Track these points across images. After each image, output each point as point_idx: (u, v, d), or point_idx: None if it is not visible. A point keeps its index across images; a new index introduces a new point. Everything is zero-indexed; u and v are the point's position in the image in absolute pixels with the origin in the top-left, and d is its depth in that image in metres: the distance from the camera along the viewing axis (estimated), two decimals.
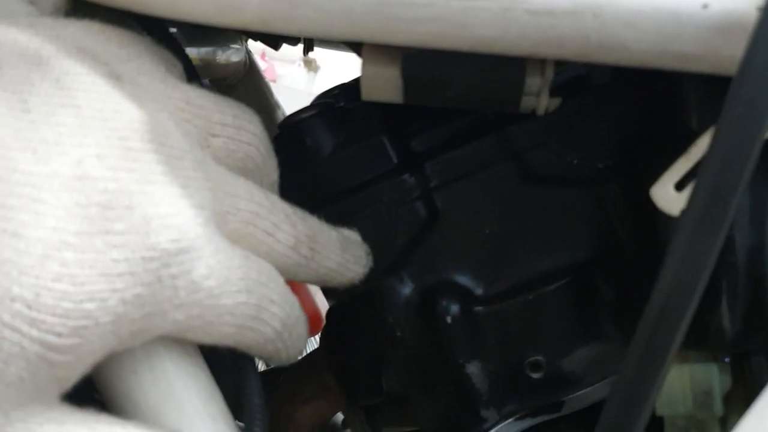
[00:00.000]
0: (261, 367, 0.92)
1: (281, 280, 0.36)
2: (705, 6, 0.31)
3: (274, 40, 0.66)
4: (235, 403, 0.40)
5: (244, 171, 0.37)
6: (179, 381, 0.36)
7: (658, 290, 0.30)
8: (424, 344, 0.49)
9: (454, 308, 0.48)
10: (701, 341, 0.40)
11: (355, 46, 0.49)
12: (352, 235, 0.44)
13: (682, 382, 0.40)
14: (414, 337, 0.49)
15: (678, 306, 0.30)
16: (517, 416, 0.49)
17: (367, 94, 0.41)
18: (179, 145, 0.32)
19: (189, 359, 0.36)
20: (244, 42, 0.73)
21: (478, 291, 0.49)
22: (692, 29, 0.31)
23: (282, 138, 0.50)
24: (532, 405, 0.49)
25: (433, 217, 0.48)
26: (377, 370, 0.52)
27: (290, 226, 0.37)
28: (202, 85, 0.38)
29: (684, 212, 0.29)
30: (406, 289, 0.49)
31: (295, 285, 0.54)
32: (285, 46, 0.63)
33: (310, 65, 2.93)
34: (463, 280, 0.49)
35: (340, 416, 0.77)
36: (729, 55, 0.31)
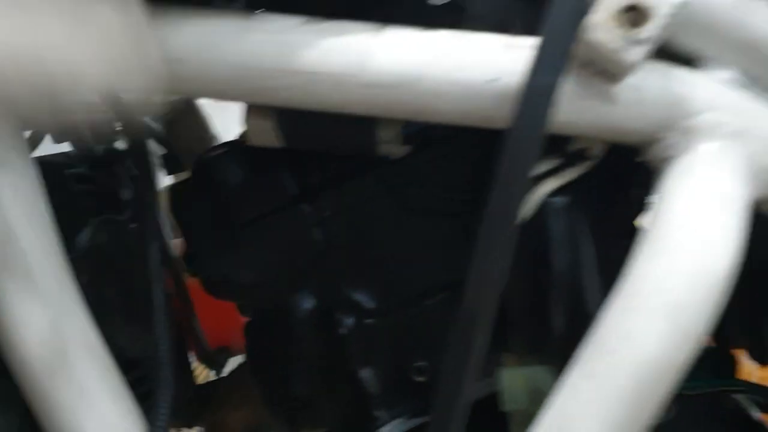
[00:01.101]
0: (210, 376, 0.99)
1: None
2: (492, 80, 0.39)
3: None
4: None
5: None
6: (91, 381, 0.43)
7: (463, 304, 0.38)
8: (325, 353, 0.57)
9: (349, 321, 0.56)
10: (535, 348, 0.48)
11: None
12: None
13: (521, 382, 0.48)
14: (316, 348, 0.57)
15: (479, 313, 0.37)
16: (407, 415, 0.57)
17: (254, 140, 0.48)
18: None
19: (101, 362, 0.44)
20: None
21: (370, 305, 0.56)
22: (485, 98, 0.39)
23: (195, 174, 0.57)
24: (418, 405, 0.56)
25: (328, 241, 0.56)
26: (287, 377, 0.59)
27: None
28: None
29: (478, 238, 0.37)
30: (308, 305, 0.57)
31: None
32: None
33: None
34: (356, 296, 0.57)
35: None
36: None
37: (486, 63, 0.39)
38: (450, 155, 0.51)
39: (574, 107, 0.39)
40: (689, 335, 0.36)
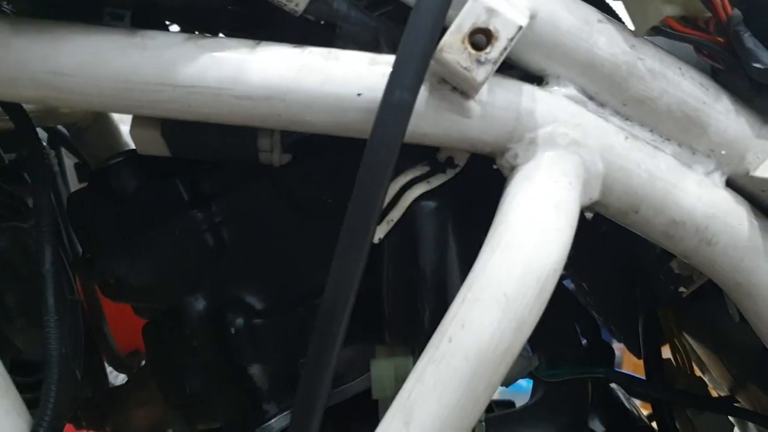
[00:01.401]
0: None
1: None
2: (359, 94, 0.43)
3: None
4: None
5: None
6: None
7: (324, 298, 0.41)
8: (216, 351, 0.59)
9: (239, 321, 0.58)
10: (404, 338, 0.52)
11: None
12: None
13: (389, 372, 0.52)
14: (207, 346, 0.59)
15: (338, 308, 0.41)
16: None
17: (141, 150, 0.51)
18: None
19: None
20: None
21: (260, 306, 0.59)
22: (352, 110, 0.43)
23: (93, 181, 0.60)
24: None
25: (220, 246, 0.58)
26: (181, 375, 0.62)
27: None
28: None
29: (338, 241, 0.41)
30: (200, 306, 0.59)
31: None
32: None
33: None
34: (247, 297, 0.60)
35: None
36: None
37: (353, 78, 0.43)
38: (334, 160, 0.55)
39: (433, 120, 0.43)
40: (520, 324, 0.41)
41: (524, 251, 0.41)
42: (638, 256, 0.73)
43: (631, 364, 1.45)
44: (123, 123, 0.90)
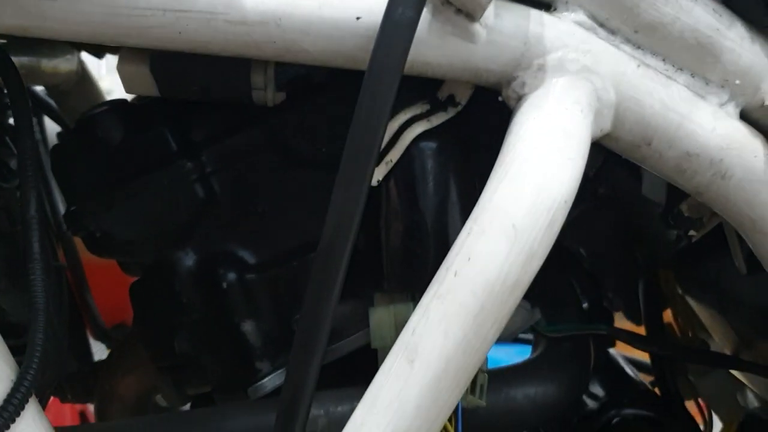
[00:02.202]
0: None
1: None
2: (358, 18, 0.41)
3: (95, 50, 0.73)
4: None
5: None
6: None
7: (321, 240, 0.39)
8: (207, 308, 0.57)
9: (231, 276, 0.56)
10: (404, 284, 0.50)
11: None
12: None
13: (389, 320, 0.50)
14: (198, 303, 0.57)
15: (336, 249, 0.39)
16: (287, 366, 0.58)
17: (129, 89, 0.49)
18: None
19: None
20: (76, 53, 0.79)
21: (252, 260, 0.57)
22: (351, 36, 0.41)
23: (77, 130, 0.57)
24: None
25: (210, 197, 0.56)
26: (170, 334, 0.59)
27: None
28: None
29: (337, 177, 0.39)
30: (190, 261, 0.57)
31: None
32: None
33: None
34: (238, 251, 0.57)
35: None
36: None
37: (351, 1, 0.41)
38: (328, 105, 0.53)
39: (436, 46, 0.41)
40: (529, 256, 0.39)
41: (534, 181, 0.39)
42: (637, 217, 0.72)
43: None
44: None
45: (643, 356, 0.81)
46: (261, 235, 0.57)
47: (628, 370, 0.71)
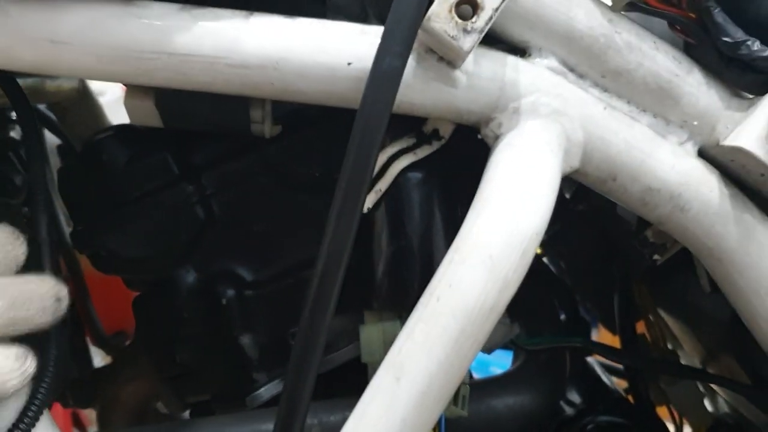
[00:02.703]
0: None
1: None
2: (349, 63, 0.45)
3: None
4: None
5: None
6: None
7: (317, 265, 0.43)
8: (207, 323, 0.61)
9: (230, 292, 0.60)
10: (392, 304, 0.54)
11: None
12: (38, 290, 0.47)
13: (378, 336, 0.54)
14: (198, 318, 0.61)
15: (330, 273, 0.43)
16: (283, 377, 0.62)
17: (134, 120, 0.52)
18: None
19: None
20: None
21: (250, 278, 0.61)
22: (343, 80, 0.45)
23: (84, 154, 0.61)
24: None
25: (210, 218, 0.60)
26: (172, 346, 0.63)
27: None
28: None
29: (331, 207, 0.43)
30: (191, 278, 0.61)
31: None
32: None
33: None
34: (237, 269, 0.61)
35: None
36: None
37: (343, 48, 0.45)
38: (321, 135, 0.56)
39: (420, 90, 0.45)
40: (505, 284, 0.43)
41: (508, 215, 0.43)
42: (613, 233, 0.76)
43: None
44: (102, 95, 0.90)
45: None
46: (258, 254, 0.61)
47: (604, 377, 0.75)
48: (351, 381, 0.63)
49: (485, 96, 0.45)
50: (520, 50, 0.47)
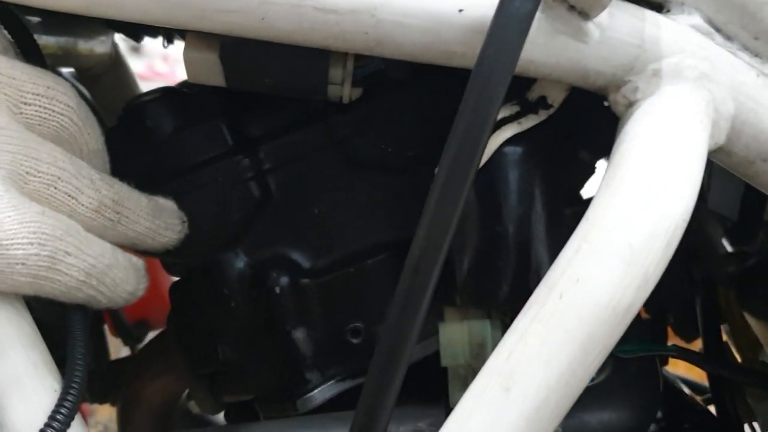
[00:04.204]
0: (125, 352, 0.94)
1: (81, 234, 0.39)
2: (461, 10, 0.37)
3: (134, 32, 0.69)
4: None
5: (59, 138, 0.40)
6: (2, 329, 0.39)
7: (413, 248, 0.36)
8: (256, 314, 0.53)
9: (284, 280, 0.53)
10: (478, 300, 0.47)
11: None
12: (167, 204, 0.47)
13: (462, 337, 0.46)
14: (247, 308, 0.54)
15: (429, 258, 0.35)
16: (339, 378, 0.54)
17: (193, 77, 0.45)
18: None
19: (12, 310, 0.40)
20: (110, 35, 0.76)
21: (306, 265, 0.54)
22: (451, 29, 0.38)
23: (125, 118, 0.53)
24: (352, 367, 0.54)
25: (266, 196, 0.53)
26: (214, 339, 0.56)
27: (94, 191, 0.41)
28: (37, 57, 0.42)
29: (434, 180, 0.35)
30: (240, 263, 0.54)
31: (156, 271, 0.58)
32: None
33: None
34: (293, 254, 0.54)
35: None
36: None
37: None
38: (404, 102, 0.49)
39: (543, 44, 0.38)
40: (644, 280, 0.36)
41: (652, 199, 0.36)
42: (696, 234, 0.69)
43: None
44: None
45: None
46: (317, 239, 0.54)
47: (686, 390, 0.67)
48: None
49: (620, 55, 0.38)
50: (656, 5, 0.40)
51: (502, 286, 0.45)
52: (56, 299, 0.40)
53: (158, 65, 2.70)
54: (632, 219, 0.35)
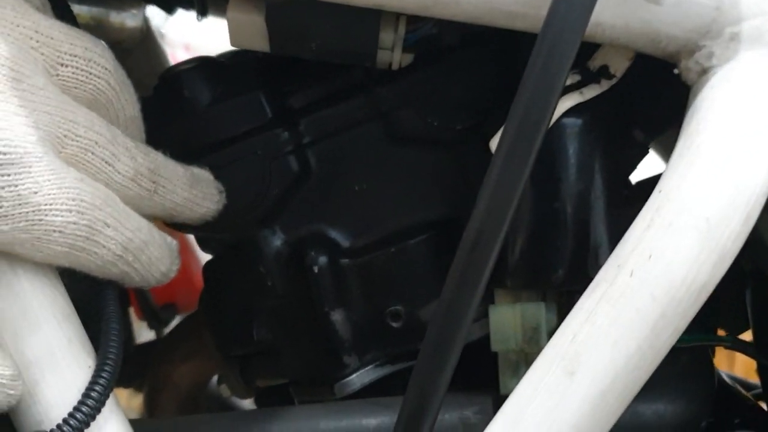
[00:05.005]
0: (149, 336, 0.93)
1: (119, 205, 0.38)
2: None
3: (167, 4, 0.67)
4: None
5: (95, 103, 0.38)
6: (36, 302, 0.37)
7: (471, 222, 0.33)
8: (293, 293, 0.51)
9: (322, 259, 0.50)
10: (533, 283, 0.44)
11: None
12: (203, 173, 0.46)
13: (514, 320, 0.44)
14: (283, 287, 0.52)
15: (488, 235, 0.33)
16: (377, 363, 0.52)
17: (235, 40, 0.43)
18: (19, 68, 0.34)
19: (47, 282, 0.38)
20: (142, 8, 0.74)
21: (345, 244, 0.51)
22: None
23: (161, 88, 0.51)
24: (391, 352, 0.52)
25: (305, 171, 0.51)
26: (249, 319, 0.54)
27: (130, 159, 0.39)
28: (71, 20, 0.40)
29: (495, 151, 0.33)
30: (278, 241, 0.52)
31: (185, 253, 0.56)
32: (205, 41, 0.65)
33: None
34: (331, 233, 0.52)
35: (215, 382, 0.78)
36: None
37: None
38: (451, 73, 0.47)
39: (613, 5, 0.35)
40: (721, 256, 0.33)
41: (730, 170, 0.33)
42: None
43: None
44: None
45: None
46: (357, 217, 0.51)
47: (734, 385, 0.65)
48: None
49: (695, 17, 0.36)
50: None
51: (557, 267, 0.43)
52: (90, 273, 0.38)
53: (180, 54, 2.69)
54: (709, 191, 0.33)
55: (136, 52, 0.76)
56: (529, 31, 0.37)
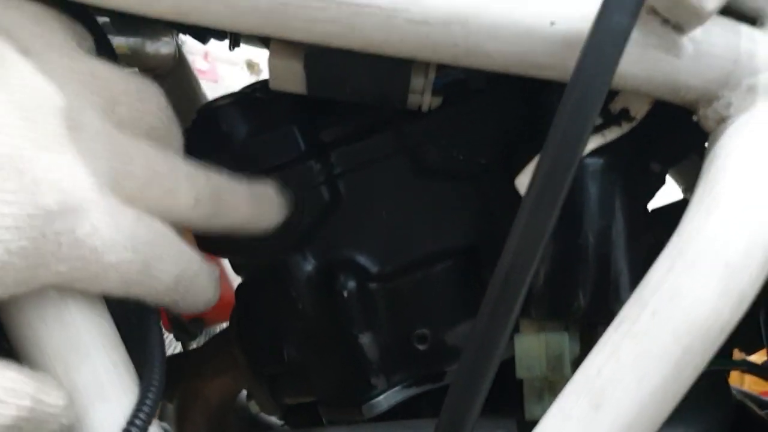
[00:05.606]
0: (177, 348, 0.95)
1: (175, 239, 0.39)
2: (552, 23, 0.37)
3: (201, 34, 0.70)
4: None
5: (149, 138, 0.41)
6: (84, 330, 0.39)
7: (503, 258, 0.35)
8: (323, 316, 0.54)
9: (351, 284, 0.53)
10: (556, 313, 0.46)
11: (267, 42, 0.54)
12: (264, 189, 0.47)
13: (539, 349, 0.46)
14: (314, 310, 0.54)
15: (519, 270, 0.35)
16: (404, 384, 0.54)
17: (275, 84, 0.45)
18: (79, 115, 0.36)
19: (95, 310, 0.40)
20: (174, 36, 0.76)
21: (374, 269, 0.54)
22: (542, 42, 0.37)
23: (199, 123, 0.54)
24: (417, 374, 0.54)
25: (335, 201, 0.53)
26: (280, 340, 0.56)
27: (190, 186, 0.40)
28: (113, 59, 0.42)
29: (526, 192, 0.35)
30: (309, 266, 0.54)
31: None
32: (225, 50, 0.67)
33: (253, 68, 2.96)
34: (360, 258, 0.54)
35: (244, 396, 0.81)
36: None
37: (547, 4, 0.37)
38: (477, 111, 0.49)
39: (637, 58, 0.37)
40: (741, 298, 0.35)
41: (750, 217, 0.35)
42: None
43: None
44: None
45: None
46: (385, 243, 0.54)
47: (747, 402, 0.66)
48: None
49: (714, 69, 0.38)
50: (751, 19, 0.39)
51: (579, 299, 0.45)
52: (145, 301, 0.40)
53: (199, 63, 2.72)
54: (729, 237, 0.35)
55: (169, 78, 0.78)
56: (557, 80, 0.39)
